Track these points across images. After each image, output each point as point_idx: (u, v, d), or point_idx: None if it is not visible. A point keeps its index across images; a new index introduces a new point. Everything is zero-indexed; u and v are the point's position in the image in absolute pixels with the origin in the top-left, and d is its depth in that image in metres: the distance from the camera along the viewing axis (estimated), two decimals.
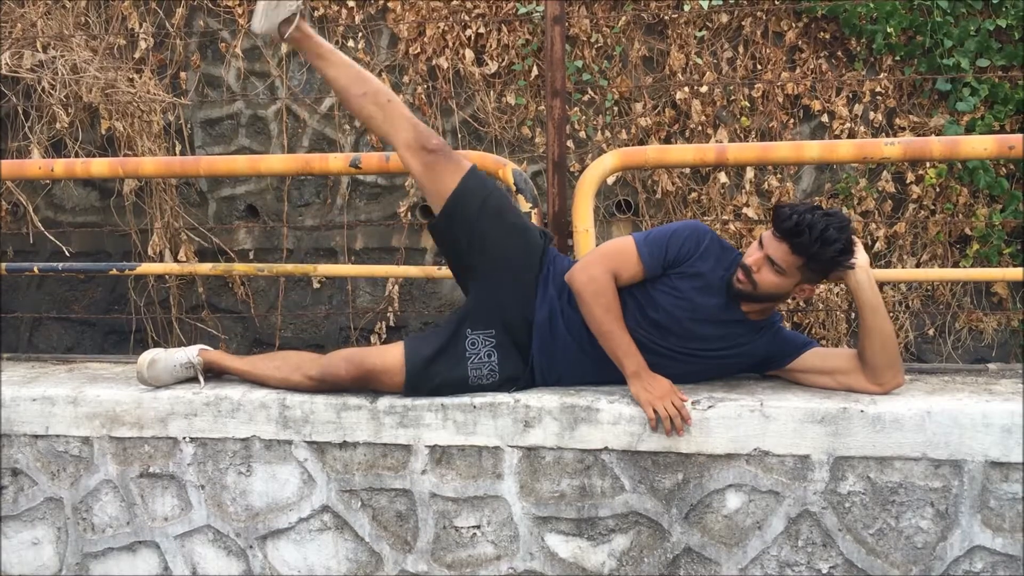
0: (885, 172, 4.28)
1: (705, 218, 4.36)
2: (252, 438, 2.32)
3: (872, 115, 4.26)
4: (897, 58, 4.22)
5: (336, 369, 2.28)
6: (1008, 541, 2.06)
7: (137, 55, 4.64)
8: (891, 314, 4.27)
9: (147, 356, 2.41)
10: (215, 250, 4.70)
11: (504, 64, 4.45)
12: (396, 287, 4.59)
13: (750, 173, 4.33)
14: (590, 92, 4.40)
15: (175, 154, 4.63)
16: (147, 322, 4.68)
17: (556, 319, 2.26)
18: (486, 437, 2.22)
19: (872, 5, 4.14)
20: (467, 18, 4.45)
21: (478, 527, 2.25)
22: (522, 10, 4.38)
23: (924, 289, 4.35)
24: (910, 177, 4.26)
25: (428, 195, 2.32)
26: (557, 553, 2.23)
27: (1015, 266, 4.13)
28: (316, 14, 4.58)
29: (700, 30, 4.34)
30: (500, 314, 2.27)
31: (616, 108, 4.41)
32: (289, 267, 3.16)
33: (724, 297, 2.21)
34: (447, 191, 2.26)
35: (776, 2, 4.25)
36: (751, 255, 2.17)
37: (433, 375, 2.24)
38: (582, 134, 4.42)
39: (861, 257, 2.18)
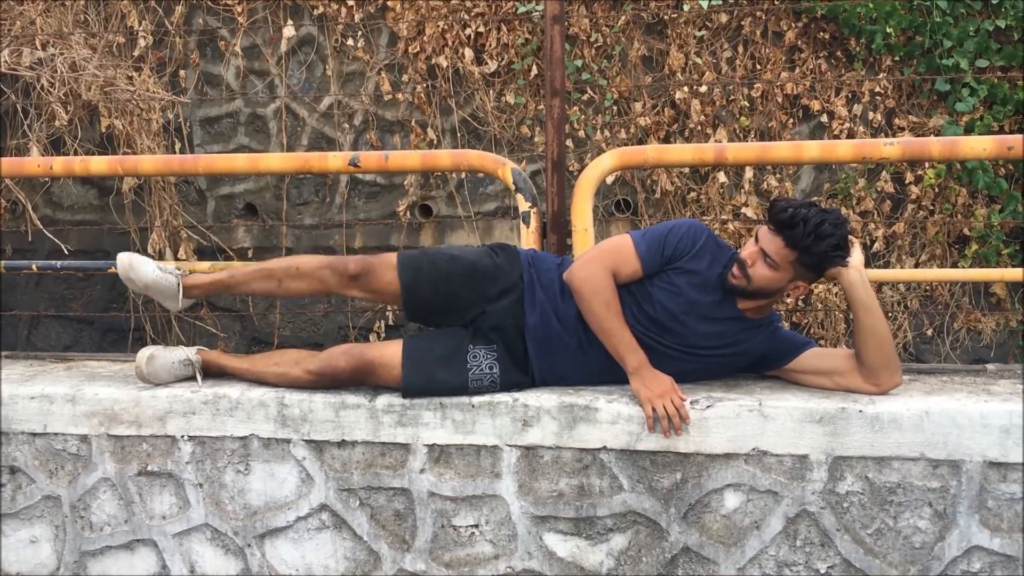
0: (884, 172, 4.28)
1: (704, 218, 4.36)
2: (250, 436, 2.32)
3: (871, 115, 4.26)
4: (896, 58, 4.22)
5: (336, 361, 2.28)
6: (1006, 541, 2.06)
7: (136, 53, 4.63)
8: (889, 314, 4.27)
9: (146, 352, 2.41)
10: (214, 248, 4.70)
11: (503, 63, 4.45)
12: None
13: (749, 173, 4.33)
14: (589, 91, 4.40)
15: (174, 152, 4.63)
16: (145, 320, 4.68)
17: (550, 319, 2.26)
18: (485, 436, 2.21)
19: (871, 5, 4.14)
20: (467, 17, 4.45)
21: (476, 526, 2.25)
22: (522, 9, 4.38)
23: (923, 289, 4.35)
24: (909, 177, 4.26)
25: (387, 302, 2.42)
26: (555, 552, 2.22)
27: (1014, 266, 4.13)
28: (316, 12, 4.58)
29: (699, 30, 4.34)
30: (499, 334, 2.29)
31: (615, 107, 4.41)
32: None
33: (720, 294, 2.22)
34: (395, 286, 2.32)
35: (776, 2, 4.25)
36: (746, 249, 2.18)
37: (433, 380, 2.24)
38: (581, 133, 4.42)
39: (856, 257, 2.18)
